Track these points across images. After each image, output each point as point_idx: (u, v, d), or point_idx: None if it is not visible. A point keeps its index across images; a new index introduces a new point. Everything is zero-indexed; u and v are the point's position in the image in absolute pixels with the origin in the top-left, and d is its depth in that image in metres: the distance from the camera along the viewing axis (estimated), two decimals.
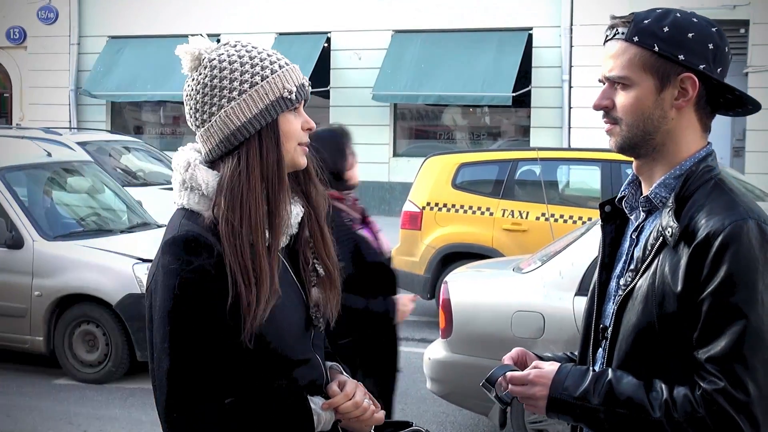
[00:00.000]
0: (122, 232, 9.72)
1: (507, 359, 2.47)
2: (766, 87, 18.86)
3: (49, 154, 10.12)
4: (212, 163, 2.43)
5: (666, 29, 2.31)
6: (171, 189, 9.47)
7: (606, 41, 2.39)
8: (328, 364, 2.60)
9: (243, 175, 2.35)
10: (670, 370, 2.26)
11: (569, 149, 15.19)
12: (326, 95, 21.99)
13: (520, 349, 2.52)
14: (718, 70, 2.34)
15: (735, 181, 10.82)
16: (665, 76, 2.32)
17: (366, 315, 4.53)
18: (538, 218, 10.59)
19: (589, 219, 9.72)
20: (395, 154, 22.03)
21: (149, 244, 9.09)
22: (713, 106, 2.39)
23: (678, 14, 2.34)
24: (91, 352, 8.74)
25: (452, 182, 11.18)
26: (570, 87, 20.19)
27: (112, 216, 10.18)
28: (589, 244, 6.69)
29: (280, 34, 22.12)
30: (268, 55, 2.43)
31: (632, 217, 2.45)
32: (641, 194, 2.43)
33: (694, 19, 2.34)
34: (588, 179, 11.74)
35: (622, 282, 2.39)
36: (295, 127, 2.43)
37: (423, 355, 7.12)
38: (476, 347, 6.60)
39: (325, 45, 21.91)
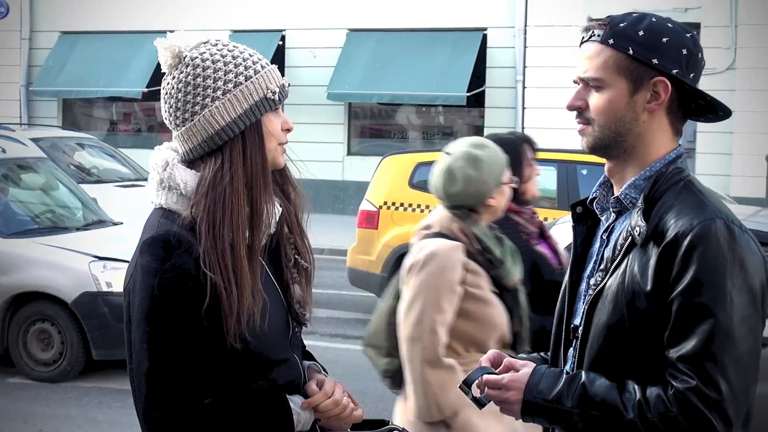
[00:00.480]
0: (78, 229, 9.60)
1: (484, 361, 2.47)
2: (716, 90, 19.12)
3: (3, 151, 10.00)
4: (190, 162, 2.41)
5: (641, 33, 2.33)
6: (126, 186, 9.52)
7: (582, 43, 2.41)
8: (306, 363, 2.60)
9: (226, 175, 2.33)
10: (642, 369, 2.27)
11: None
12: None
13: (496, 351, 2.51)
14: (691, 75, 2.36)
15: None
16: (639, 79, 2.34)
17: (541, 335, 4.31)
18: None
19: (545, 219, 9.76)
20: (349, 153, 22.02)
21: (105, 241, 9.04)
22: (685, 111, 2.42)
23: (654, 19, 2.36)
24: (46, 351, 8.64)
25: (409, 182, 11.21)
26: (524, 87, 20.28)
27: (68, 213, 10.06)
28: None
29: (235, 31, 22.00)
30: (250, 56, 2.42)
31: (603, 218, 2.47)
32: (612, 195, 2.44)
33: (669, 25, 2.36)
34: (544, 180, 11.79)
35: (592, 282, 2.40)
36: (276, 127, 2.42)
37: None
38: None
39: (280, 43, 21.86)
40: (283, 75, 2.48)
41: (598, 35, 2.36)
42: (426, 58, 20.13)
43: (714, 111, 2.42)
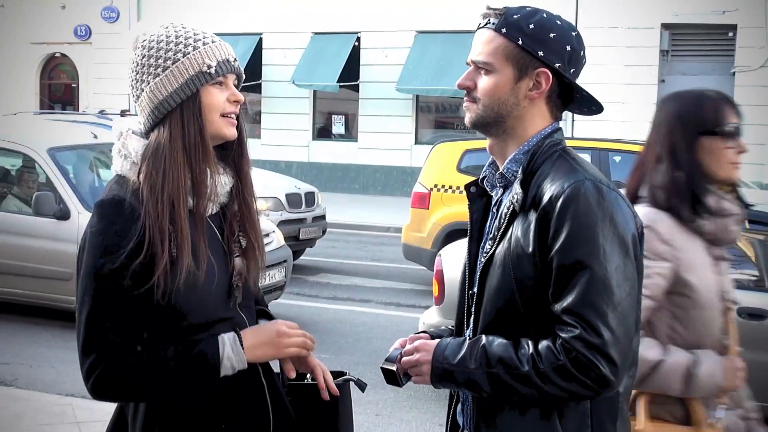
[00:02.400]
0: None
1: (400, 343, 2.46)
2: (750, 85, 18.71)
3: (96, 137, 10.18)
4: (147, 133, 2.40)
5: (532, 26, 2.30)
6: None
7: (478, 28, 2.38)
8: (262, 322, 2.56)
9: (165, 143, 2.32)
10: (534, 326, 2.25)
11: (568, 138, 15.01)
12: (356, 89, 21.99)
13: (401, 340, 2.48)
14: (572, 70, 2.34)
15: None
16: (524, 68, 2.32)
17: None
18: None
19: None
20: (417, 142, 22.01)
21: None
22: (565, 101, 2.39)
23: (545, 15, 2.33)
24: None
25: (458, 167, 11.20)
26: None
27: None
28: None
29: (316, 33, 22.13)
30: (194, 34, 2.39)
31: (493, 194, 2.45)
32: (498, 172, 2.42)
33: (558, 22, 2.33)
34: None
35: (483, 251, 2.39)
36: (218, 99, 2.37)
37: (418, 320, 7.09)
38: None
39: (356, 44, 21.90)
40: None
41: (493, 23, 2.34)
42: None
43: (590, 105, 2.41)
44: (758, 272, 6.64)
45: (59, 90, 26.16)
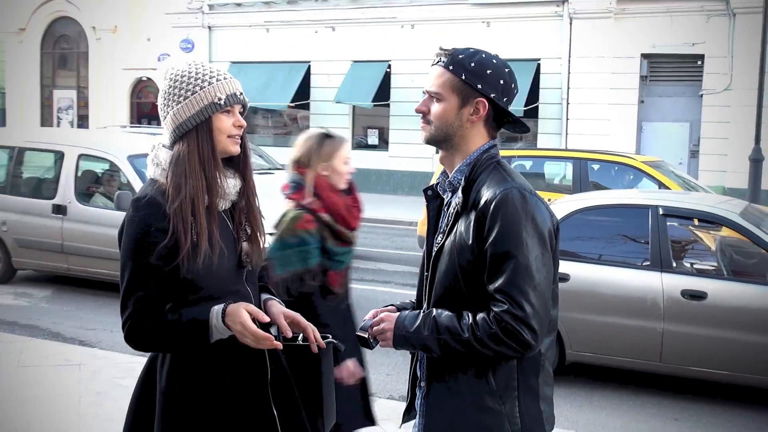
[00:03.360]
0: None
1: (372, 313, 2.53)
2: (716, 105, 18.54)
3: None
4: (172, 145, 2.50)
5: (473, 64, 2.38)
6: (260, 174, 9.57)
7: (432, 65, 2.45)
8: (265, 296, 2.66)
9: (185, 155, 2.44)
10: (472, 302, 2.33)
11: (546, 149, 14.79)
12: (387, 107, 22.06)
13: (374, 310, 2.55)
14: (504, 99, 2.41)
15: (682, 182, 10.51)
16: (466, 98, 2.39)
17: None
18: None
19: (549, 200, 9.84)
20: (438, 151, 21.98)
21: None
22: (499, 123, 2.47)
23: (484, 55, 2.41)
24: None
25: None
26: (567, 104, 19.98)
27: None
28: None
29: (355, 61, 22.20)
30: (210, 72, 2.49)
31: (445, 197, 2.51)
32: (447, 180, 2.49)
33: (494, 61, 2.41)
34: (563, 172, 11.69)
35: (435, 242, 2.46)
36: (226, 124, 2.48)
37: None
38: None
39: (387, 70, 21.93)
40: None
41: (443, 61, 2.41)
42: None
43: (520, 126, 2.49)
44: (716, 263, 6.68)
45: (146, 107, 26.40)
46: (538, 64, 20.15)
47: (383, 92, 21.75)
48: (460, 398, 2.37)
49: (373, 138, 23.05)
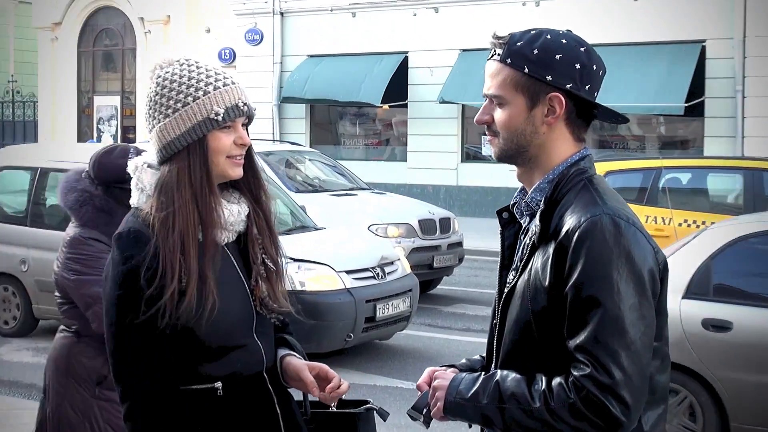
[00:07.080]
0: (280, 234, 9.93)
1: (424, 386, 2.51)
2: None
3: None
4: (160, 164, 2.53)
5: (536, 51, 2.34)
6: (339, 195, 10.20)
7: (487, 59, 2.43)
8: (282, 351, 2.68)
9: (173, 180, 2.46)
10: (549, 361, 2.28)
11: (711, 157, 14.52)
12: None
13: (430, 369, 2.54)
14: (586, 87, 2.36)
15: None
16: (535, 96, 2.36)
17: None
18: (680, 224, 10.36)
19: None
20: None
21: (303, 245, 9.35)
22: (587, 118, 2.41)
23: (549, 36, 2.37)
24: None
25: None
26: (743, 97, 19.54)
27: (276, 220, 10.46)
28: (697, 249, 6.61)
29: (463, 50, 22.29)
30: (207, 76, 2.51)
31: (522, 222, 2.48)
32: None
33: (563, 40, 2.36)
34: (732, 185, 11.43)
35: (507, 281, 2.43)
36: (224, 143, 2.50)
37: None
38: None
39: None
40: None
41: (499, 54, 2.39)
42: (641, 71, 19.58)
43: (615, 116, 2.44)
44: None
45: None
46: (703, 47, 19.75)
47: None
48: None
49: (488, 148, 23.01)
